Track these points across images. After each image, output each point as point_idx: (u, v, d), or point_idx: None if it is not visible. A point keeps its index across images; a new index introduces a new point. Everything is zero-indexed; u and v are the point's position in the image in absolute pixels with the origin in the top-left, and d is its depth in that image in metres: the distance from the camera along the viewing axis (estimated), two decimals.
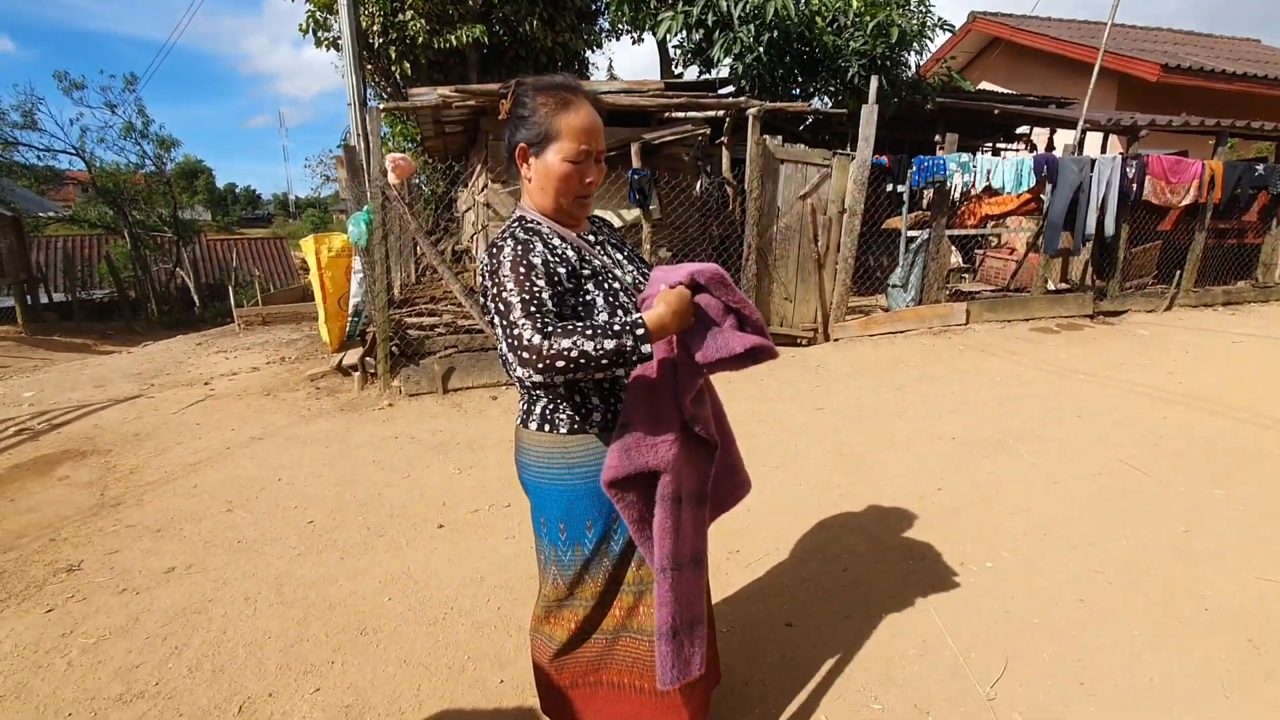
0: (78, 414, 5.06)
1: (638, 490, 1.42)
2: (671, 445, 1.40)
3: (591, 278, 1.42)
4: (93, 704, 2.04)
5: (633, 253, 1.63)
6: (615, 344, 1.24)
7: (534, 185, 1.44)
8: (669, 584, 1.43)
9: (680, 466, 1.44)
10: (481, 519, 3.19)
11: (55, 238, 21.65)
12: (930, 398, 4.85)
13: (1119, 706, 1.94)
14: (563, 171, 1.39)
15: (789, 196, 6.27)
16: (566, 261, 1.40)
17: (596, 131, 1.40)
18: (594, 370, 1.25)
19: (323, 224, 31.95)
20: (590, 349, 1.23)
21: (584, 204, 1.47)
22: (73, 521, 3.27)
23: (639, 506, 1.43)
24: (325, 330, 6.11)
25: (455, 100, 5.96)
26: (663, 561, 1.42)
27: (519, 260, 1.33)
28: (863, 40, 7.12)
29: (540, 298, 1.30)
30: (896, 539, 2.92)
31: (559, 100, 1.37)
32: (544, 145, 1.39)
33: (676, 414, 1.42)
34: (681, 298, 1.34)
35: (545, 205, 1.45)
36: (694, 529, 1.50)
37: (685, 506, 1.47)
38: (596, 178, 1.43)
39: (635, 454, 1.38)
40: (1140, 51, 11.26)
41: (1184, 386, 4.91)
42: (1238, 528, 2.94)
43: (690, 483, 1.49)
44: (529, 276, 1.32)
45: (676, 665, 1.45)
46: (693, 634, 1.49)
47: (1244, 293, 8.31)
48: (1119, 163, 6.97)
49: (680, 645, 1.46)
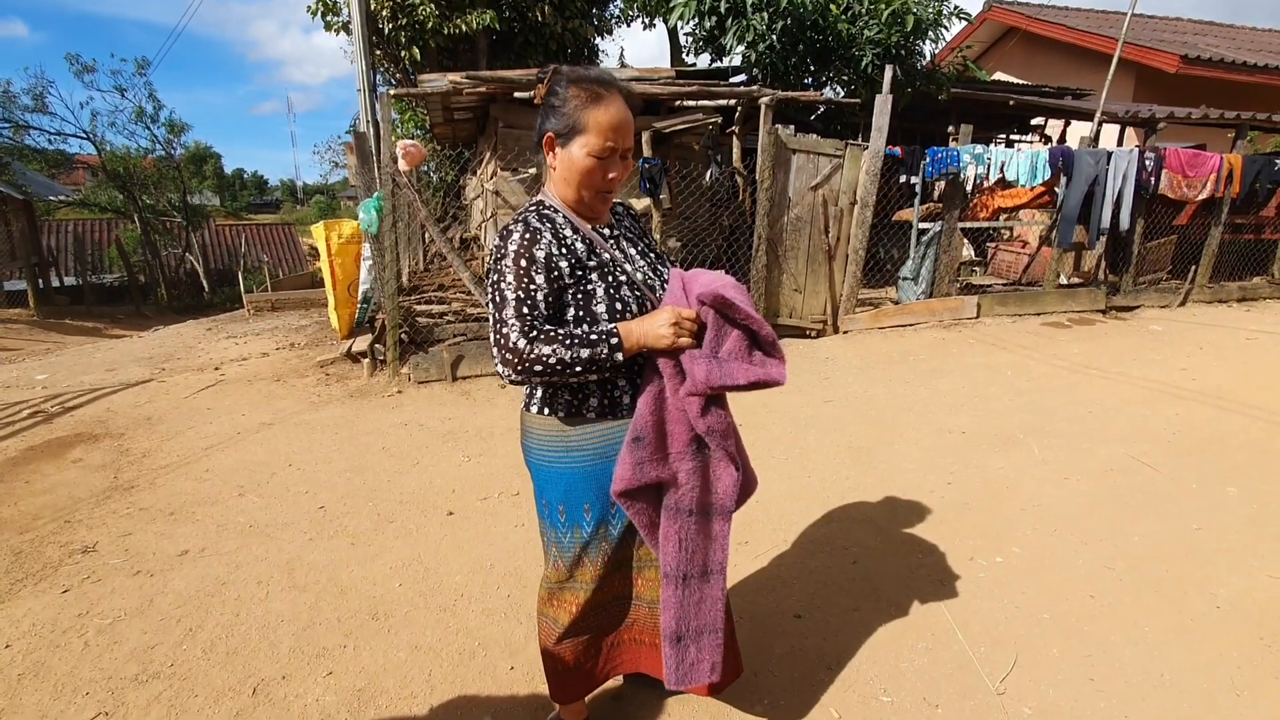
0: (90, 397, 5.10)
1: (647, 500, 1.45)
2: (680, 459, 1.43)
3: (597, 269, 1.43)
4: (110, 683, 2.07)
5: (649, 246, 1.63)
6: (590, 353, 1.33)
7: (558, 174, 1.46)
8: (673, 590, 1.45)
9: (690, 480, 1.45)
10: (491, 507, 3.21)
11: (65, 221, 21.76)
12: (940, 391, 4.83)
13: (1129, 703, 1.94)
14: (586, 166, 1.39)
15: (800, 187, 6.22)
16: (573, 253, 1.42)
17: (625, 129, 1.40)
18: (570, 376, 1.34)
19: (330, 210, 31.94)
20: (567, 358, 1.32)
21: (606, 199, 1.48)
22: (87, 504, 3.30)
23: (649, 514, 1.46)
24: (335, 317, 6.13)
25: (466, 87, 5.93)
26: (667, 568, 1.45)
27: (522, 252, 1.37)
28: (877, 29, 7.04)
29: (534, 298, 1.36)
30: (905, 533, 2.92)
31: (591, 94, 1.38)
32: (571, 137, 1.40)
33: (688, 429, 1.43)
34: (674, 320, 1.37)
35: (567, 195, 1.47)
36: (704, 541, 1.49)
37: (695, 519, 1.46)
38: (621, 173, 1.43)
39: (646, 467, 1.41)
40: (1159, 42, 11.08)
41: (1197, 383, 4.87)
42: (1250, 525, 2.93)
43: (704, 496, 1.48)
44: (528, 272, 1.36)
45: (680, 668, 1.48)
46: (700, 641, 1.49)
47: (1260, 289, 8.22)
48: (1136, 155, 6.88)
49: (685, 649, 1.47)
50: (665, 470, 1.43)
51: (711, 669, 1.49)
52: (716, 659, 1.50)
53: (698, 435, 1.43)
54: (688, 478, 1.44)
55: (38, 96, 17.21)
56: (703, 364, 1.36)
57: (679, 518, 1.44)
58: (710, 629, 1.50)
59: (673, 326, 1.36)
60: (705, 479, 1.48)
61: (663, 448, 1.43)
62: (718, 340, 1.39)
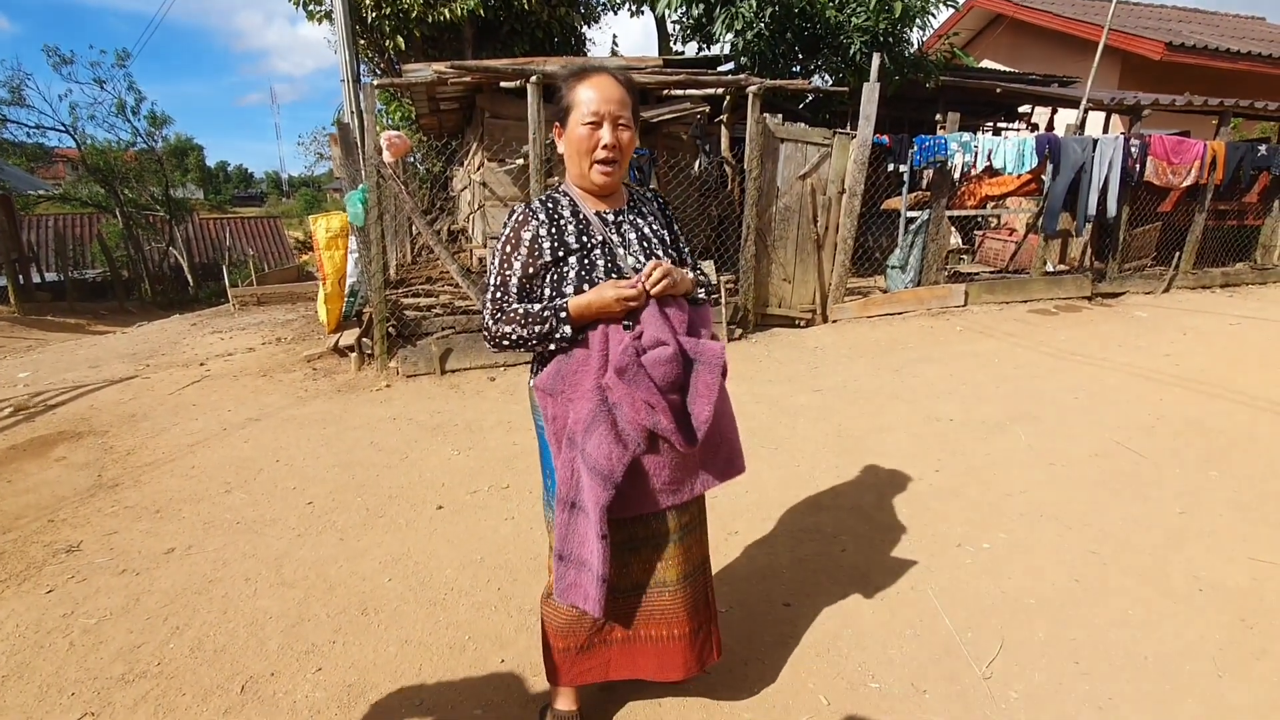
0: (73, 395, 5.04)
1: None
2: (585, 398, 1.50)
3: (580, 252, 1.54)
4: (95, 683, 2.05)
5: (667, 235, 1.69)
6: (541, 328, 1.49)
7: (566, 154, 1.58)
8: (559, 512, 1.53)
9: (585, 418, 1.49)
10: (480, 500, 3.20)
11: (46, 216, 21.40)
12: (928, 379, 4.85)
13: (1113, 685, 1.97)
14: (577, 135, 1.52)
15: (789, 176, 6.21)
16: (562, 235, 1.55)
17: (611, 98, 1.51)
18: (530, 348, 1.53)
19: (316, 203, 31.65)
20: (524, 334, 1.50)
21: (606, 171, 1.55)
22: (70, 503, 3.27)
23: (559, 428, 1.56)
24: (323, 310, 6.07)
25: (451, 76, 5.85)
26: (558, 491, 1.53)
27: (510, 235, 1.55)
28: (865, 16, 7.00)
29: (508, 281, 1.55)
30: (894, 520, 2.94)
31: (578, 76, 1.54)
32: (567, 115, 1.54)
33: (597, 387, 1.49)
34: (617, 296, 1.47)
35: (574, 174, 1.59)
36: (576, 478, 1.51)
37: (579, 455, 1.49)
38: (615, 141, 1.52)
39: (560, 382, 1.53)
40: (1144, 29, 11.12)
41: (1181, 369, 4.92)
42: (1232, 509, 2.97)
43: (594, 438, 1.48)
44: (510, 256, 1.55)
45: (560, 584, 1.55)
46: (580, 571, 1.52)
47: (1242, 275, 8.30)
48: (1122, 143, 6.91)
49: (566, 568, 1.54)
50: (572, 391, 1.52)
51: (584, 598, 1.51)
52: (591, 592, 1.50)
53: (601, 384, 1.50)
54: (585, 414, 1.49)
55: (15, 89, 16.89)
56: (624, 353, 1.45)
57: (571, 448, 1.51)
58: (579, 562, 1.52)
59: (619, 301, 1.47)
60: (604, 425, 1.49)
61: (579, 376, 1.52)
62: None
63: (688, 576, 1.68)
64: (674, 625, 1.68)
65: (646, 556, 1.64)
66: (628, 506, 1.54)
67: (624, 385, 1.43)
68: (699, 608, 1.72)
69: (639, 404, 1.44)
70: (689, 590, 1.68)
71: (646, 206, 1.71)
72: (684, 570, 1.67)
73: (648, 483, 1.55)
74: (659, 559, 1.65)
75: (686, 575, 1.67)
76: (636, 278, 1.50)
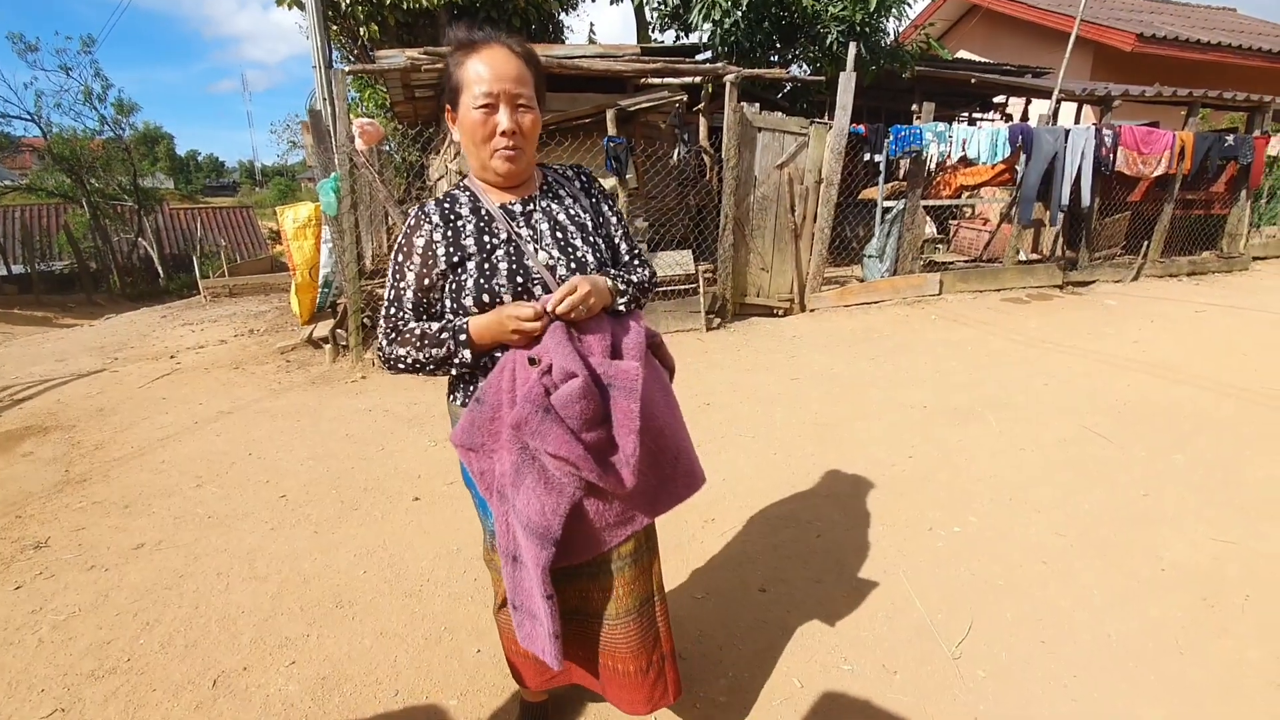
0: (40, 389, 4.92)
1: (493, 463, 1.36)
2: (504, 447, 1.32)
3: (478, 255, 1.34)
4: (65, 680, 2.02)
5: (582, 221, 1.45)
6: (440, 352, 1.32)
7: (462, 145, 1.37)
8: (504, 566, 1.38)
9: (509, 470, 1.31)
10: (457, 491, 3.18)
11: (12, 207, 20.83)
12: (903, 368, 4.91)
13: (1078, 663, 2.02)
14: (470, 121, 1.30)
15: (766, 165, 6.22)
16: (457, 237, 1.34)
17: (506, 74, 1.28)
18: (427, 372, 1.36)
19: (290, 192, 31.05)
20: (421, 358, 1.33)
21: (508, 158, 1.32)
22: (38, 498, 3.20)
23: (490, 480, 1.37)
24: (295, 302, 5.98)
25: (424, 63, 5.77)
26: (499, 545, 1.38)
27: (402, 244, 1.36)
28: (842, 6, 7.02)
29: (402, 297, 1.36)
30: (868, 506, 2.98)
31: (465, 49, 1.30)
32: (457, 98, 1.32)
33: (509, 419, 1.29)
34: (513, 328, 1.27)
35: (474, 165, 1.38)
36: (512, 535, 1.35)
37: (510, 508, 1.33)
38: (515, 126, 1.30)
39: (475, 432, 1.33)
40: (1116, 20, 11.27)
41: (1148, 355, 5.03)
42: (1195, 491, 3.05)
43: (521, 490, 1.30)
44: (402, 267, 1.36)
45: (520, 631, 1.39)
46: (534, 620, 1.37)
47: (1208, 263, 8.49)
48: (1094, 133, 7.01)
49: (522, 618, 1.39)
50: (493, 443, 1.33)
51: (541, 651, 1.35)
52: (547, 647, 1.33)
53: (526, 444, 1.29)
54: (510, 466, 1.31)
55: None
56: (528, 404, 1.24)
57: (503, 502, 1.34)
58: (530, 614, 1.37)
59: (514, 333, 1.27)
60: (531, 474, 1.30)
61: (495, 425, 1.32)
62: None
63: (630, 611, 1.47)
64: (620, 660, 1.51)
65: (581, 587, 1.47)
66: (572, 553, 1.36)
67: (530, 440, 1.24)
68: (647, 644, 1.51)
69: (552, 459, 1.26)
70: (634, 626, 1.48)
71: (566, 188, 1.47)
72: (626, 605, 1.47)
73: (591, 525, 1.36)
74: (596, 589, 1.47)
75: (628, 610, 1.47)
76: (540, 300, 1.29)
